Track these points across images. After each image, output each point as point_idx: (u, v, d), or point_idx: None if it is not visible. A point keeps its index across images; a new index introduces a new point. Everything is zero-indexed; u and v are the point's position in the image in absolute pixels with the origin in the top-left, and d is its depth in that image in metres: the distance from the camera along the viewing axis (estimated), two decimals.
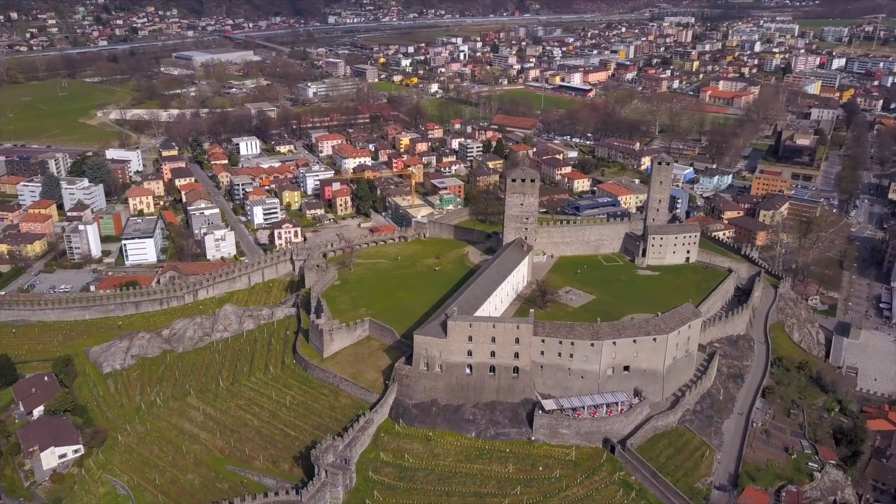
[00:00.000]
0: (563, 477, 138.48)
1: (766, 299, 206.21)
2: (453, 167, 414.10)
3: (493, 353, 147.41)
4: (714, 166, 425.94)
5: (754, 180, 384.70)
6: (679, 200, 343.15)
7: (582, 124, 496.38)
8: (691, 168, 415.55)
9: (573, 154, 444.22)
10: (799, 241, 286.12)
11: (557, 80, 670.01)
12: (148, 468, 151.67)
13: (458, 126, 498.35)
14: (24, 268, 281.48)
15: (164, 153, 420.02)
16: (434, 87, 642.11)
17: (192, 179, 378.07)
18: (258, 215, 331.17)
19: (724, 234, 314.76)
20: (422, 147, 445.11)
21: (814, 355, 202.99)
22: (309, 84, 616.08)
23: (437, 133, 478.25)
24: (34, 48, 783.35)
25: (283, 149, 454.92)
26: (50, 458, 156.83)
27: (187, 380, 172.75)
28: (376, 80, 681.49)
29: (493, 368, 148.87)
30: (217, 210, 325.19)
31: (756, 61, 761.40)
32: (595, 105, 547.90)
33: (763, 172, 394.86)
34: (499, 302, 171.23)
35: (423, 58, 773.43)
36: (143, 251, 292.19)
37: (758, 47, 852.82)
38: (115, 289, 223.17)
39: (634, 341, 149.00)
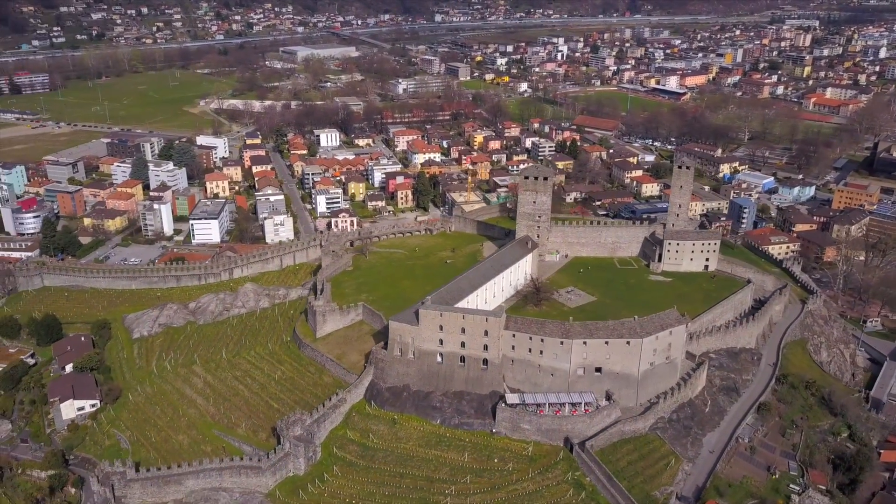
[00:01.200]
0: (516, 471, 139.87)
1: (790, 314, 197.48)
2: (521, 165, 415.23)
3: (463, 344, 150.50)
4: (800, 176, 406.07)
5: (836, 193, 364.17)
6: (746, 210, 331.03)
7: (665, 128, 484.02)
8: (772, 178, 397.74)
9: (650, 158, 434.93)
10: (866, 258, 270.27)
11: (652, 83, 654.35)
12: (148, 426, 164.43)
13: (536, 125, 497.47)
14: (104, 240, 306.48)
15: (249, 141, 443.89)
16: (523, 87, 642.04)
17: (269, 167, 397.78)
18: (321, 204, 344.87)
19: (788, 247, 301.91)
20: (494, 145, 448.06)
21: (834, 377, 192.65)
22: (400, 80, 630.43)
23: (514, 132, 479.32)
24: (158, 41, 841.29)
25: (361, 142, 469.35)
26: (69, 410, 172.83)
27: (198, 349, 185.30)
28: (468, 77, 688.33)
29: (463, 359, 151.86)
30: (282, 197, 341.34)
31: (877, 68, 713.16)
32: (683, 109, 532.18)
33: (847, 185, 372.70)
34: (491, 296, 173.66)
35: (518, 57, 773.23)
36: (208, 231, 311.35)
37: (883, 53, 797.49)
38: (164, 263, 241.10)
39: (606, 343, 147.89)
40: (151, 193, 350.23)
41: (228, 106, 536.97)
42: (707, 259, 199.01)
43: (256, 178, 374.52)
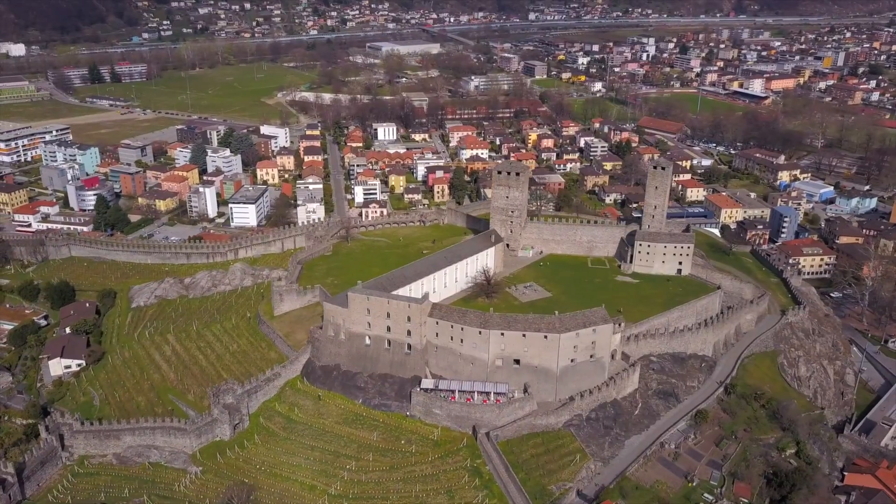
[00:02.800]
0: (418, 453, 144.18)
1: (767, 325, 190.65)
2: (568, 165, 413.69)
3: (388, 329, 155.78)
4: (866, 187, 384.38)
5: (894, 206, 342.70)
6: (787, 219, 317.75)
7: (731, 132, 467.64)
8: (832, 187, 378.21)
9: (707, 162, 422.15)
10: None
11: (735, 86, 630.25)
12: (117, 387, 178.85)
13: (597, 125, 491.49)
14: (153, 219, 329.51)
15: (309, 132, 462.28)
16: (597, 86, 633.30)
17: (320, 157, 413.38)
18: (359, 194, 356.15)
19: (821, 260, 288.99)
20: (548, 143, 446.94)
21: (813, 393, 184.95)
22: (473, 77, 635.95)
23: (572, 131, 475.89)
24: (255, 35, 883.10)
25: (418, 137, 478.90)
26: (56, 367, 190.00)
27: (177, 320, 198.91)
28: (544, 76, 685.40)
29: (389, 343, 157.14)
30: (320, 186, 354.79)
31: None
32: (756, 114, 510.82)
33: None
34: (442, 286, 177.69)
35: (600, 56, 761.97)
36: (245, 215, 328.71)
37: None
38: (184, 241, 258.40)
39: (524, 335, 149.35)
40: (205, 178, 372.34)
41: (300, 98, 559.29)
42: (680, 263, 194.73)
43: (304, 168, 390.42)
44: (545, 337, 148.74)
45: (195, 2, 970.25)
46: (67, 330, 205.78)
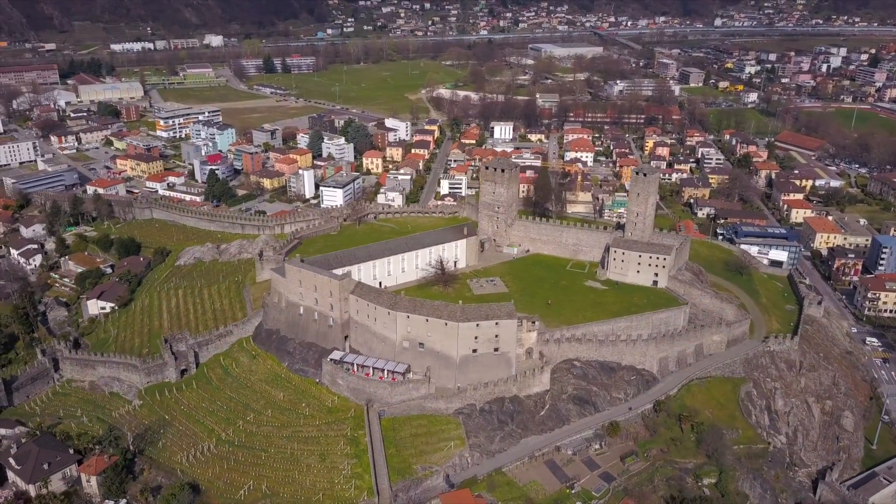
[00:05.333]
0: (310, 416, 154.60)
1: (737, 350, 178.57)
2: (674, 175, 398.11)
3: (316, 301, 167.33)
4: None
5: None
6: (886, 249, 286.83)
7: (878, 153, 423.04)
8: None
9: (836, 183, 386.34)
10: None
11: None
12: (125, 329, 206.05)
13: (727, 137, 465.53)
14: (256, 195, 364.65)
15: (427, 126, 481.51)
16: (752, 97, 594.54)
17: (427, 151, 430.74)
18: (444, 187, 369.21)
19: None
20: (663, 151, 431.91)
21: (793, 430, 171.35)
22: (617, 82, 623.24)
23: (696, 140, 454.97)
24: (427, 33, 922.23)
25: (534, 137, 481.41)
26: (93, 307, 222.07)
27: (194, 280, 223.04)
28: (699, 84, 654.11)
29: (317, 315, 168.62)
30: (408, 177, 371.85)
31: None
32: None
33: None
34: (399, 270, 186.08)
35: (773, 66, 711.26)
36: (334, 197, 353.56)
37: None
38: (251, 214, 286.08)
39: (427, 321, 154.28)
40: (315, 162, 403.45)
41: (436, 94, 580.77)
42: (656, 274, 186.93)
43: (405, 159, 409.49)
44: (445, 324, 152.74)
45: (380, 1, 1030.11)
46: (115, 279, 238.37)
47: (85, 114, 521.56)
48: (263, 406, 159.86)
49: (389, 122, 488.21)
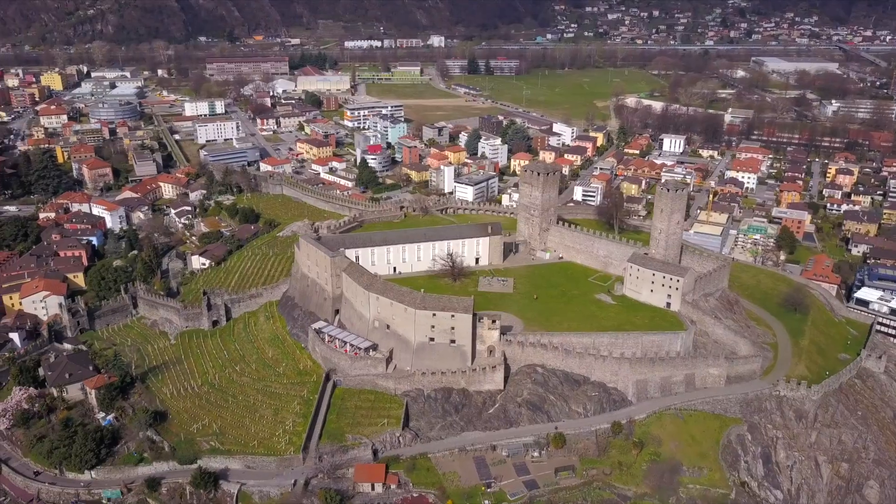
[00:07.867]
0: (282, 375, 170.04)
1: (738, 389, 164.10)
2: (843, 206, 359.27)
3: (318, 275, 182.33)
4: None
5: None
6: None
7: None
8: None
9: None
10: None
11: None
12: (208, 283, 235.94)
13: None
14: (400, 186, 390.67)
15: (592, 133, 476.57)
16: None
17: (576, 157, 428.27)
18: (578, 193, 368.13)
19: None
20: (844, 180, 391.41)
21: (792, 485, 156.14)
22: (833, 102, 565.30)
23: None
24: (648, 42, 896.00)
25: (704, 153, 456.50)
26: (196, 262, 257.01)
27: (277, 249, 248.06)
28: None
29: (318, 287, 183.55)
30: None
31: None
32: None
33: None
34: (415, 259, 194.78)
35: None
36: (465, 193, 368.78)
37: None
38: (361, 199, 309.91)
39: (391, 304, 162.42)
40: (465, 159, 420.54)
41: (621, 103, 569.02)
42: (669, 296, 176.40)
43: (553, 163, 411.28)
44: (405, 310, 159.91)
45: (607, 7, 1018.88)
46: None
47: (293, 101, 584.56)
48: (253, 360, 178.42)
49: (557, 127, 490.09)
